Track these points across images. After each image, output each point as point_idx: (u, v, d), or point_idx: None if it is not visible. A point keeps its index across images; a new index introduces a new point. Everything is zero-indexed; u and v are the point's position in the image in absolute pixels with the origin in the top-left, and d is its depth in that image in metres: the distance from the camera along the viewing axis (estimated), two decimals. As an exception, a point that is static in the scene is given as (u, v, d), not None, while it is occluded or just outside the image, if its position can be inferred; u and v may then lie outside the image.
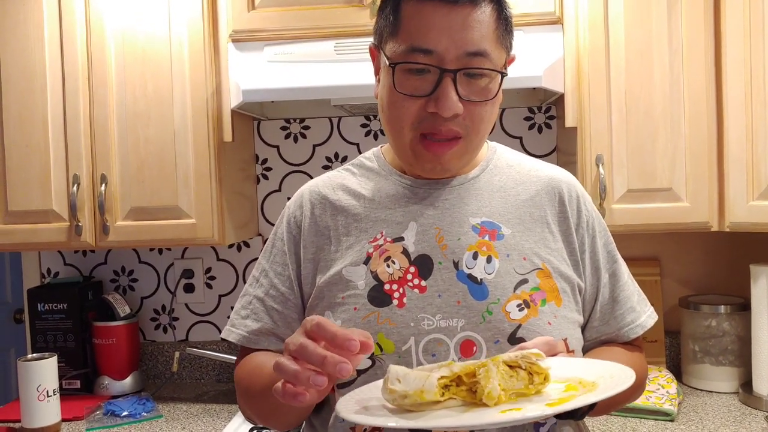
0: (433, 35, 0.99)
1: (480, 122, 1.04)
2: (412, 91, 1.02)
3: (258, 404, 1.08)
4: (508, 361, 0.83)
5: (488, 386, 0.80)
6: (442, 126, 1.02)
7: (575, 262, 1.11)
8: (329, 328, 0.81)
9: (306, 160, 2.36)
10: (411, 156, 1.07)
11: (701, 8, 1.87)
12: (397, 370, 0.82)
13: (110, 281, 2.43)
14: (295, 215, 1.16)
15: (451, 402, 0.82)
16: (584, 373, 0.87)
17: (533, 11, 1.84)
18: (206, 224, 1.99)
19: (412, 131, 1.04)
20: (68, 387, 2.20)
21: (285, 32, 1.90)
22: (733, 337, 2.05)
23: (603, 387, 0.81)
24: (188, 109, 1.97)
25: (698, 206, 1.89)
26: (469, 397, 0.82)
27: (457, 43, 0.99)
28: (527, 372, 0.83)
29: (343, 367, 0.77)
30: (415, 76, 1.02)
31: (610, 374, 0.85)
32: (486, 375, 0.81)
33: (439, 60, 1.00)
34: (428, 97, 1.01)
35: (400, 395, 0.81)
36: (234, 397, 2.18)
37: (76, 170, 2.00)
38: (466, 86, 1.02)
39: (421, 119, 1.03)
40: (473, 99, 1.02)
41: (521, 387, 0.83)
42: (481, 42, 1.00)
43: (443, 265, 1.05)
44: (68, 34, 1.99)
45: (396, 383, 0.81)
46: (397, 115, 1.04)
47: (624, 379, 0.81)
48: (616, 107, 1.89)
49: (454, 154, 1.06)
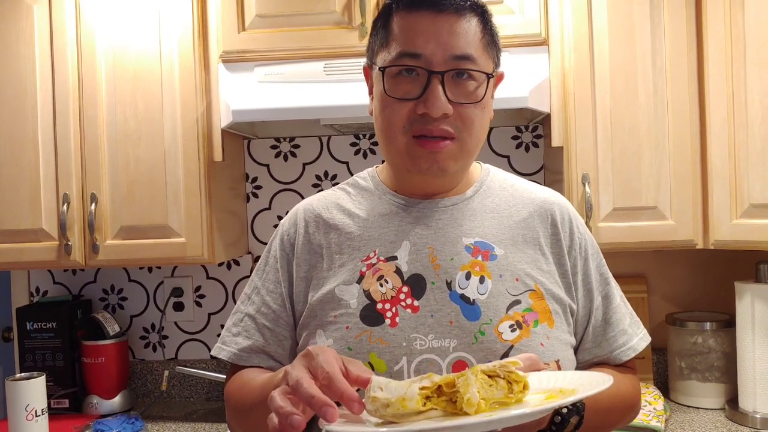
0: (420, 40, 1.03)
1: (471, 124, 1.06)
2: (402, 94, 1.05)
3: (247, 421, 1.08)
4: (487, 371, 0.83)
5: (467, 394, 0.80)
6: (433, 126, 1.04)
7: (567, 284, 1.12)
8: (339, 387, 0.81)
9: (296, 179, 2.38)
10: (407, 159, 1.08)
11: (684, 29, 1.90)
12: (378, 379, 0.83)
13: (99, 300, 2.42)
14: (289, 233, 1.17)
15: (433, 413, 0.82)
16: (564, 383, 0.88)
17: (519, 33, 1.87)
18: (196, 243, 1.99)
19: (405, 135, 1.06)
20: (56, 406, 2.19)
21: (275, 53, 1.92)
22: (719, 353, 2.07)
23: (581, 392, 0.81)
24: (178, 129, 1.98)
25: (683, 224, 1.91)
26: (449, 408, 0.82)
27: (444, 47, 1.03)
28: (506, 381, 0.84)
29: (328, 410, 0.78)
30: (404, 80, 1.05)
31: (588, 381, 0.86)
32: (465, 383, 0.81)
33: (427, 62, 1.03)
34: (418, 100, 1.04)
35: (382, 404, 0.81)
36: (223, 415, 2.17)
37: (66, 189, 2.00)
38: (455, 88, 1.04)
39: (412, 121, 1.05)
40: (462, 101, 1.04)
41: (501, 396, 0.83)
42: (467, 47, 1.04)
43: (436, 285, 1.06)
44: (59, 53, 2.00)
45: (378, 391, 0.81)
46: (389, 120, 1.07)
47: (601, 382, 0.82)
48: (601, 126, 1.92)
49: (448, 153, 1.06)
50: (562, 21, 1.92)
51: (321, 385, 0.82)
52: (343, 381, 0.82)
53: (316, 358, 0.84)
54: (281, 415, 0.80)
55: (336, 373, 0.82)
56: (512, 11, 1.90)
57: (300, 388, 0.81)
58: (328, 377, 0.82)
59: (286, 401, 0.81)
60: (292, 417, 0.79)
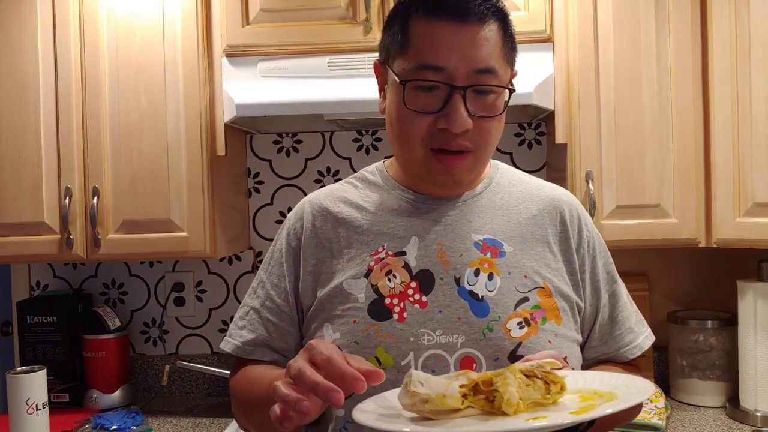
0: (443, 53, 1.01)
1: (489, 137, 1.06)
2: (422, 107, 1.03)
3: (253, 415, 1.09)
4: (524, 370, 0.83)
5: (506, 393, 0.79)
6: (453, 141, 1.03)
7: (575, 282, 1.12)
8: (338, 366, 0.82)
9: (298, 174, 2.37)
10: (423, 170, 1.08)
11: (689, 27, 1.90)
12: (419, 374, 0.82)
13: (100, 294, 2.42)
14: (295, 227, 1.17)
15: (470, 411, 0.81)
16: (596, 384, 0.87)
17: (524, 30, 1.86)
18: (198, 237, 1.99)
19: (424, 147, 1.05)
20: (57, 400, 2.19)
21: (279, 48, 1.92)
22: (720, 351, 2.07)
23: (623, 396, 0.80)
24: (181, 123, 1.98)
25: (686, 222, 1.91)
26: (486, 406, 0.81)
27: (467, 60, 1.01)
28: (543, 381, 0.83)
29: (334, 395, 0.78)
30: (425, 93, 1.03)
31: (624, 384, 0.85)
32: (504, 382, 0.80)
33: (449, 77, 1.01)
34: (438, 114, 1.03)
35: (421, 399, 0.80)
36: (224, 410, 2.18)
37: (68, 182, 2.00)
38: (475, 102, 1.03)
39: (431, 135, 1.04)
40: (482, 115, 1.03)
41: (538, 396, 0.82)
42: (489, 59, 1.02)
43: (445, 281, 1.06)
44: (62, 46, 1.99)
45: (419, 386, 0.80)
46: (408, 131, 1.05)
47: (643, 388, 0.81)
48: (605, 124, 1.92)
49: (465, 167, 1.06)
50: (566, 18, 1.92)
51: (322, 370, 0.82)
52: (342, 362, 0.82)
53: (315, 348, 0.85)
54: (288, 402, 0.80)
55: (335, 355, 0.83)
56: (517, 8, 1.89)
57: (303, 376, 0.81)
58: (327, 359, 0.82)
59: (291, 389, 0.82)
60: (300, 403, 0.79)
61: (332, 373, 0.82)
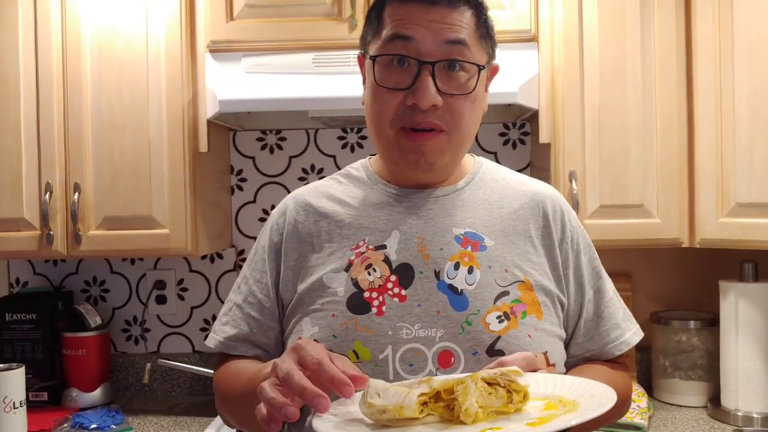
0: (412, 26, 1.03)
1: (460, 117, 1.06)
2: (393, 84, 1.04)
3: (235, 409, 1.10)
4: (487, 378, 0.82)
5: (466, 403, 0.79)
6: (421, 118, 1.04)
7: (557, 276, 1.11)
8: (328, 371, 0.82)
9: (282, 172, 2.36)
10: (396, 152, 1.08)
11: (673, 27, 1.91)
12: (377, 384, 0.82)
13: (81, 291, 2.39)
14: (278, 223, 1.17)
15: (429, 418, 0.82)
16: (564, 391, 0.86)
17: (509, 28, 1.87)
18: (180, 235, 1.97)
19: (393, 127, 1.06)
20: (35, 399, 2.16)
21: (263, 43, 1.91)
22: (702, 352, 2.08)
23: (584, 407, 0.80)
24: (164, 119, 1.96)
25: (669, 223, 1.92)
26: (447, 414, 0.81)
27: (435, 32, 1.02)
28: (506, 390, 0.82)
29: (320, 401, 0.79)
30: (395, 70, 1.04)
31: (590, 393, 0.84)
32: (464, 392, 0.80)
33: (418, 51, 1.02)
34: (408, 91, 1.03)
35: (378, 410, 0.80)
36: (205, 409, 2.16)
37: (48, 178, 1.97)
38: (445, 80, 1.03)
39: (401, 113, 1.05)
40: (452, 92, 1.04)
41: (500, 405, 0.82)
42: (460, 32, 1.03)
43: (424, 274, 1.05)
44: (43, 41, 1.97)
45: (375, 397, 0.80)
46: (379, 110, 1.06)
47: (605, 399, 0.80)
48: (589, 124, 1.92)
49: (436, 145, 1.06)
50: (552, 17, 1.92)
51: (311, 373, 0.82)
52: (332, 366, 0.83)
53: (304, 349, 0.85)
54: (274, 406, 0.80)
55: (325, 359, 0.83)
56: (502, 6, 1.89)
57: (291, 380, 0.81)
58: (318, 362, 0.83)
59: (277, 393, 0.82)
60: (286, 408, 0.79)
61: (321, 376, 0.82)
